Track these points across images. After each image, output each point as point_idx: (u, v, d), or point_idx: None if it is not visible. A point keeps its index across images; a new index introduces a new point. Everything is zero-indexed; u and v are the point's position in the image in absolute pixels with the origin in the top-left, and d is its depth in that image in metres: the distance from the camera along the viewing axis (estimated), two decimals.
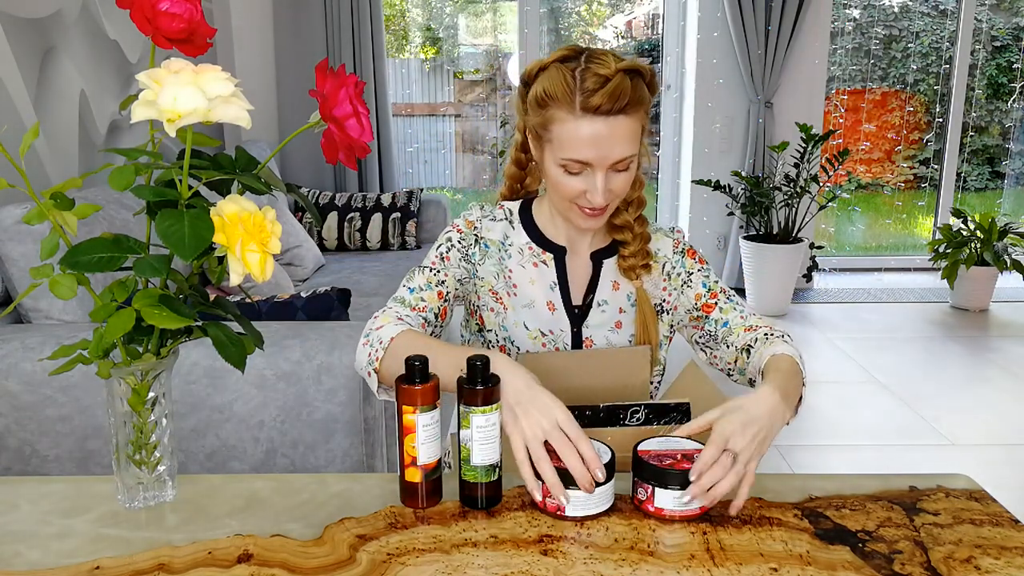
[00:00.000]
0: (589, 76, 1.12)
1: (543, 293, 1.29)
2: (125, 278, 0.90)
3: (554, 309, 1.28)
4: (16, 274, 1.90)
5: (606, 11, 5.61)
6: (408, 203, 3.91)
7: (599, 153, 1.13)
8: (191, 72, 0.83)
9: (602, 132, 1.12)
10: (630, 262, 1.28)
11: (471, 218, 1.31)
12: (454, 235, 1.30)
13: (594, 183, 1.15)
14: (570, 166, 1.16)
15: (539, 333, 1.28)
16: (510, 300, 1.29)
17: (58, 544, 0.92)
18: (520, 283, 1.29)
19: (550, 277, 1.29)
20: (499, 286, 1.29)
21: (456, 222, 1.32)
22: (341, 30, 4.21)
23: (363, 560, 0.88)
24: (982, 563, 0.87)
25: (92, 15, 2.59)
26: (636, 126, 1.15)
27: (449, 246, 1.30)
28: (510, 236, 1.31)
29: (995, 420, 3.04)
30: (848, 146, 4.98)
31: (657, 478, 0.95)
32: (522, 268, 1.29)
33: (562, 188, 1.18)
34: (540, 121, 1.18)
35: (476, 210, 1.33)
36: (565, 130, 1.14)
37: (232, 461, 1.77)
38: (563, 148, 1.15)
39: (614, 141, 1.13)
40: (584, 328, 1.29)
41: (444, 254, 1.29)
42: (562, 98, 1.13)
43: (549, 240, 1.30)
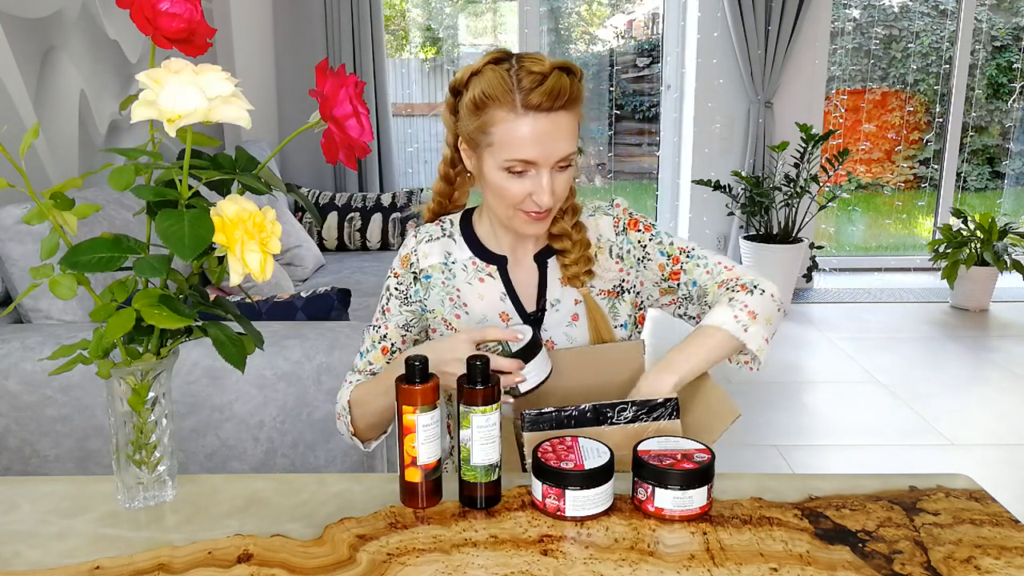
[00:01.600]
0: (524, 75, 1.11)
1: (494, 306, 1.27)
2: (125, 278, 0.90)
3: (508, 319, 1.27)
4: (16, 274, 1.90)
5: (606, 11, 5.61)
6: (408, 203, 3.91)
7: (543, 151, 1.12)
8: (191, 72, 0.83)
9: (545, 129, 1.11)
10: (572, 270, 1.26)
11: (405, 252, 1.30)
12: (391, 281, 1.30)
13: (540, 183, 1.14)
14: (514, 167, 1.14)
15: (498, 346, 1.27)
16: (461, 322, 1.27)
17: (58, 544, 0.92)
18: (470, 301, 1.28)
19: (498, 289, 1.28)
20: (448, 312, 1.28)
21: (393, 263, 1.31)
22: (341, 30, 4.21)
23: (363, 560, 0.88)
24: (982, 563, 0.87)
25: (92, 15, 2.59)
26: (575, 122, 1.15)
27: (388, 296, 1.30)
28: (452, 252, 1.29)
29: (995, 420, 3.04)
30: (848, 146, 4.98)
31: (657, 478, 0.95)
32: (469, 285, 1.28)
33: (506, 193, 1.16)
34: (477, 125, 1.15)
35: (411, 239, 1.31)
36: (507, 130, 1.12)
37: (232, 461, 1.77)
38: (505, 149, 1.13)
39: (557, 137, 1.12)
40: (543, 331, 1.27)
41: (384, 306, 1.30)
42: (501, 97, 1.12)
43: (490, 252, 1.29)
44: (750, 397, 3.21)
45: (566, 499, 0.94)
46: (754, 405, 3.13)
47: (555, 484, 0.95)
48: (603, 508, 0.96)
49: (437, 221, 1.32)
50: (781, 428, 2.97)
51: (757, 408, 3.11)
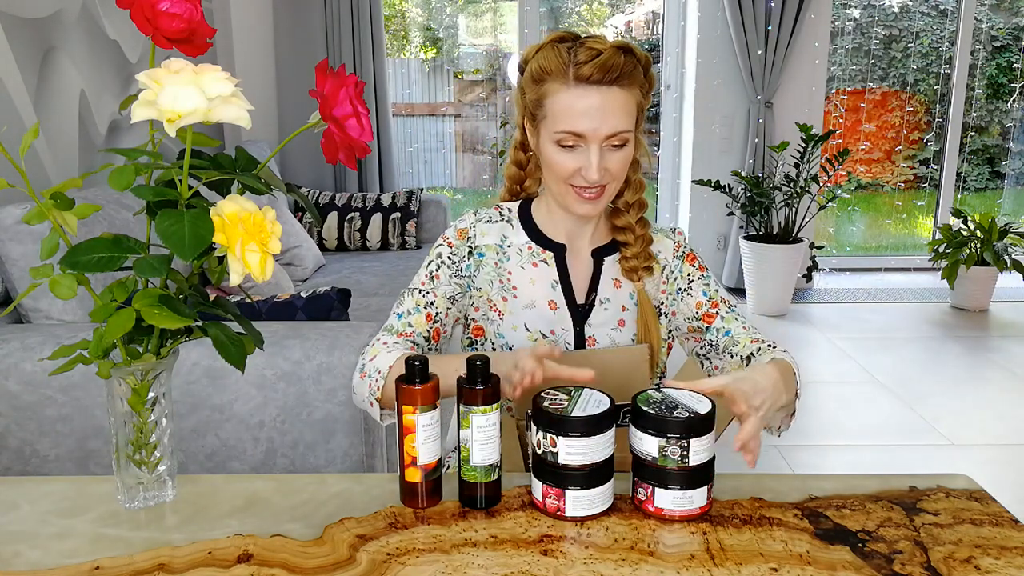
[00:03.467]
0: (582, 51, 1.14)
1: (544, 293, 1.27)
2: (125, 278, 0.90)
3: (556, 308, 1.27)
4: (16, 274, 1.90)
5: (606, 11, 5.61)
6: (408, 203, 3.91)
7: (592, 124, 1.14)
8: (191, 72, 0.83)
9: (595, 102, 1.13)
10: (632, 263, 1.28)
11: (463, 226, 1.29)
12: (444, 250, 1.28)
13: (588, 158, 1.15)
14: (564, 139, 1.16)
15: (540, 335, 1.26)
16: (508, 305, 1.26)
17: (58, 544, 0.92)
18: (520, 284, 1.27)
19: (551, 276, 1.28)
20: (495, 293, 1.27)
21: (447, 234, 1.29)
22: (341, 30, 4.21)
23: (363, 560, 0.88)
24: (982, 563, 0.87)
25: (92, 15, 2.59)
26: (630, 101, 1.16)
27: (439, 263, 1.27)
28: (508, 236, 1.29)
29: (995, 420, 3.04)
30: (848, 146, 4.98)
31: (657, 478, 0.95)
32: (521, 269, 1.27)
33: (557, 167, 1.18)
34: (535, 98, 1.18)
35: (470, 216, 1.30)
36: (559, 101, 1.15)
37: (232, 461, 1.77)
38: (557, 121, 1.16)
39: (607, 112, 1.14)
40: (587, 327, 1.28)
41: (434, 272, 1.27)
42: (556, 70, 1.15)
43: (548, 238, 1.29)
44: None
45: (566, 499, 0.94)
46: None
47: (555, 484, 0.95)
48: (603, 508, 0.96)
49: (497, 207, 1.31)
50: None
51: None
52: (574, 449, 0.93)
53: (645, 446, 0.95)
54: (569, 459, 0.93)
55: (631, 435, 0.98)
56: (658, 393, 1.00)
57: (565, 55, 1.15)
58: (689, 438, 0.93)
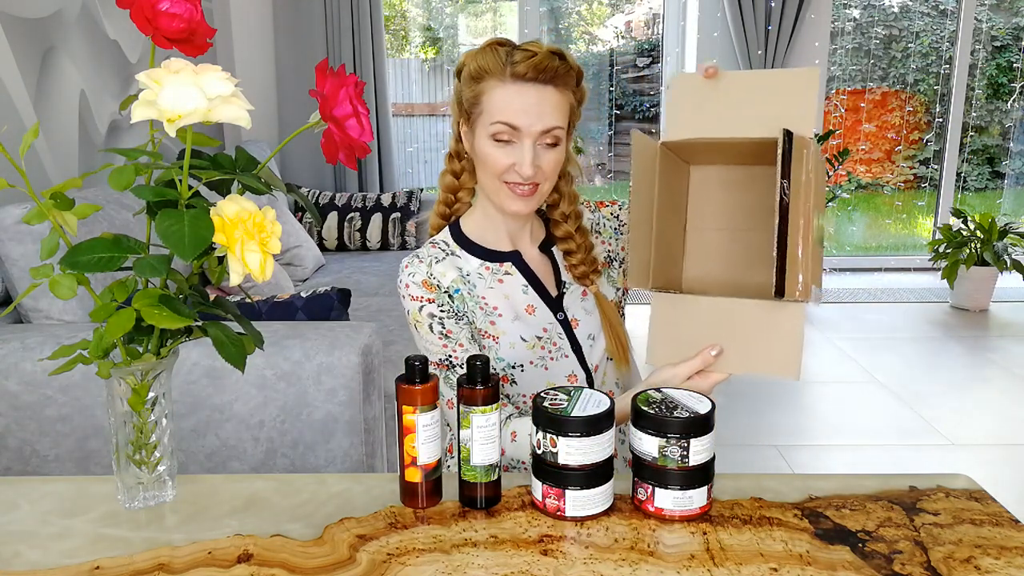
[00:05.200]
0: (519, 52, 1.19)
1: (520, 300, 1.28)
2: (125, 278, 0.90)
3: (534, 309, 1.29)
4: (16, 274, 1.90)
5: (606, 11, 5.61)
6: (408, 203, 3.91)
7: (527, 120, 1.17)
8: (191, 72, 0.83)
9: (531, 99, 1.17)
10: (580, 270, 1.31)
11: (420, 279, 1.24)
12: (430, 308, 1.24)
13: (522, 153, 1.18)
14: (500, 132, 1.18)
15: (535, 339, 1.27)
16: (497, 327, 1.26)
17: (58, 544, 0.92)
18: (498, 304, 1.27)
19: (519, 282, 1.29)
20: (481, 321, 1.27)
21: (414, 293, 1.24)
22: (341, 30, 4.21)
23: (363, 560, 0.88)
24: (982, 563, 0.87)
25: (92, 15, 2.59)
26: (563, 102, 1.20)
27: (439, 321, 1.24)
28: (462, 266, 1.28)
29: (995, 420, 3.04)
30: (848, 146, 4.98)
31: (657, 478, 0.95)
32: (491, 290, 1.28)
33: (492, 162, 1.20)
34: (472, 95, 1.21)
35: (417, 265, 1.25)
36: (495, 96, 1.19)
37: (232, 461, 1.77)
38: (493, 114, 1.19)
39: (542, 109, 1.18)
40: (566, 311, 1.31)
41: (443, 332, 1.24)
42: (494, 68, 1.19)
43: (497, 252, 1.30)
44: (750, 397, 3.21)
45: (566, 499, 0.94)
46: (754, 405, 3.13)
47: (555, 484, 0.95)
48: (603, 508, 0.96)
49: (431, 244, 1.30)
50: (781, 428, 2.97)
51: (757, 408, 3.11)
52: (574, 449, 0.93)
53: (645, 446, 0.95)
54: (569, 459, 0.93)
55: (631, 435, 0.98)
56: (658, 393, 1.00)
57: (503, 56, 1.19)
58: (689, 438, 0.93)
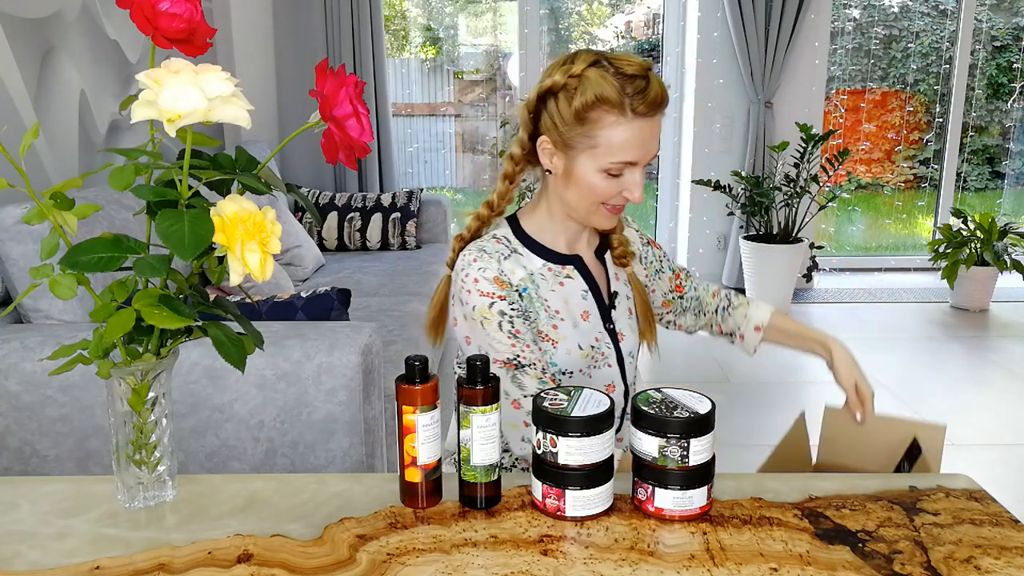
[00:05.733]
0: (627, 81, 1.15)
1: (577, 306, 1.27)
2: (125, 278, 0.90)
3: (588, 316, 1.28)
4: (16, 274, 1.90)
5: (606, 11, 5.61)
6: (408, 203, 3.91)
7: (644, 152, 1.18)
8: (191, 72, 0.83)
9: (647, 132, 1.18)
10: (619, 251, 1.35)
11: (491, 275, 1.20)
12: (501, 305, 1.20)
13: (635, 180, 1.19)
14: (614, 169, 1.18)
15: (590, 348, 1.26)
16: (559, 331, 1.25)
17: (58, 544, 0.92)
18: (560, 308, 1.26)
19: (580, 287, 1.28)
20: (543, 323, 1.24)
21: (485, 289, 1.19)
22: (341, 30, 4.21)
23: (363, 560, 0.88)
24: (982, 563, 0.87)
25: (92, 15, 2.59)
26: None
27: (509, 319, 1.21)
28: (526, 265, 1.25)
29: (995, 420, 3.04)
30: (848, 146, 4.98)
31: (657, 478, 0.95)
32: (553, 292, 1.26)
33: (599, 191, 1.19)
34: (582, 130, 1.16)
35: (487, 261, 1.21)
36: (616, 134, 1.15)
37: (232, 461, 1.77)
38: (612, 152, 1.16)
39: (654, 139, 1.20)
40: (615, 323, 1.32)
41: (512, 329, 1.20)
42: (615, 103, 1.14)
43: (560, 254, 1.28)
44: (750, 397, 3.21)
45: (566, 499, 0.94)
46: (754, 405, 3.13)
47: (555, 484, 0.95)
48: (603, 508, 0.96)
49: (495, 239, 1.25)
50: (781, 428, 2.96)
51: (757, 408, 3.11)
52: (574, 449, 0.93)
53: (645, 446, 0.95)
54: (569, 459, 0.93)
55: (631, 435, 0.98)
56: (658, 393, 1.00)
57: (619, 86, 1.14)
58: (689, 438, 0.93)
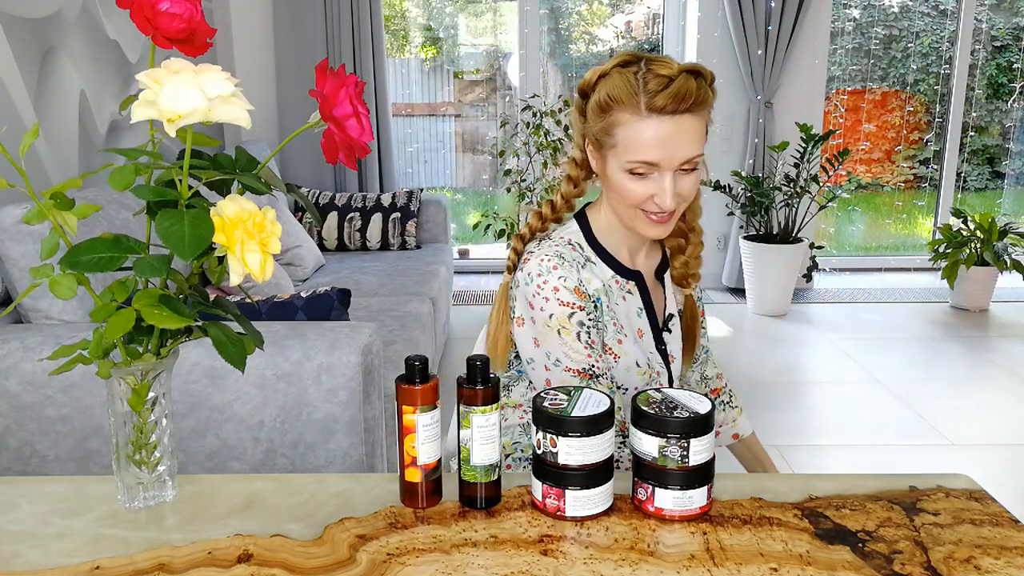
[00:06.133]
0: (652, 77, 1.11)
1: (634, 323, 1.25)
2: (125, 278, 0.90)
3: (643, 335, 1.25)
4: (16, 274, 1.90)
5: (606, 11, 5.61)
6: (408, 203, 3.91)
7: (666, 153, 1.12)
8: (191, 72, 0.83)
9: (668, 132, 1.11)
10: (681, 271, 1.28)
11: (572, 285, 1.18)
12: (580, 316, 1.18)
13: (662, 185, 1.13)
14: (636, 168, 1.13)
15: (647, 367, 1.24)
16: (623, 346, 1.23)
17: (58, 544, 0.92)
18: (624, 322, 1.23)
19: (637, 304, 1.25)
20: (610, 337, 1.22)
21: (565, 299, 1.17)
22: (341, 30, 4.21)
23: (363, 560, 0.88)
24: (982, 563, 0.87)
25: (92, 15, 2.59)
26: (701, 126, 1.15)
27: (588, 328, 1.19)
28: (599, 275, 1.23)
29: (995, 420, 3.04)
30: (848, 146, 4.98)
31: (657, 478, 0.95)
32: (618, 305, 1.23)
33: (628, 195, 1.15)
34: (602, 127, 1.15)
35: (568, 270, 1.18)
36: (630, 131, 1.12)
37: (232, 461, 1.77)
38: (629, 151, 1.13)
39: (680, 141, 1.12)
40: (667, 344, 1.29)
41: (589, 340, 1.18)
42: (626, 100, 1.12)
43: (625, 268, 1.26)
44: (750, 397, 3.21)
45: (566, 499, 0.94)
46: (754, 405, 3.14)
47: (555, 484, 0.95)
48: (603, 508, 0.96)
49: (571, 246, 1.22)
50: (781, 428, 2.97)
51: (757, 408, 3.11)
52: (574, 449, 0.93)
53: (645, 446, 0.95)
54: (569, 459, 0.93)
55: (631, 435, 0.98)
56: (658, 393, 1.00)
57: (634, 82, 1.11)
58: (689, 438, 0.93)
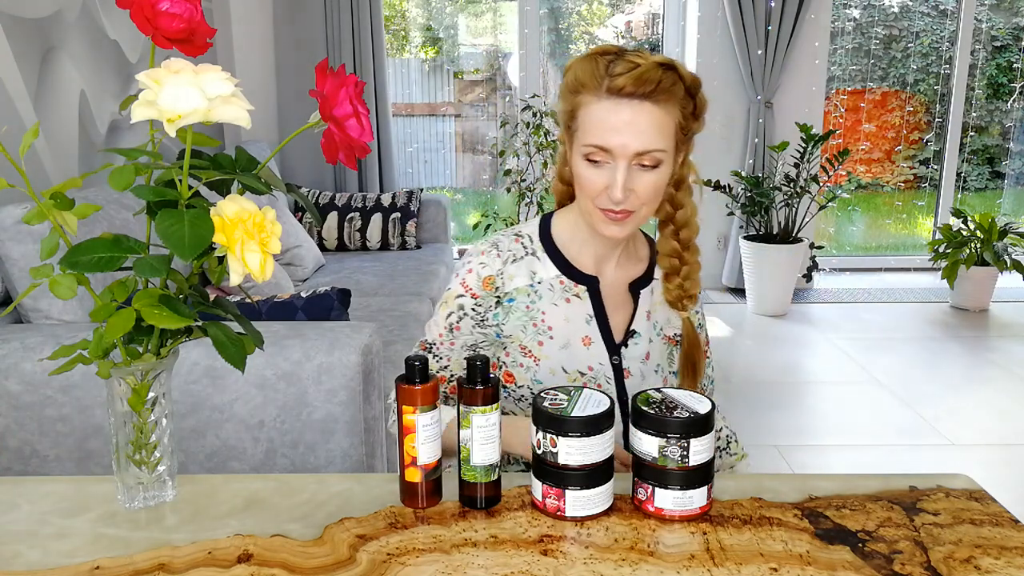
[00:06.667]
0: (620, 63, 1.09)
1: (579, 329, 1.21)
2: (125, 278, 0.90)
3: (590, 343, 1.21)
4: (16, 274, 1.90)
5: (606, 11, 5.61)
6: (408, 203, 3.91)
7: (620, 140, 1.08)
8: (191, 72, 0.83)
9: (625, 117, 1.07)
10: (675, 293, 1.22)
11: (489, 273, 1.19)
12: (467, 302, 1.19)
13: (615, 175, 1.09)
14: (592, 153, 1.10)
15: (578, 374, 1.21)
16: (544, 349, 1.20)
17: (58, 544, 0.92)
18: (555, 324, 1.20)
19: (586, 310, 1.21)
20: (528, 339, 1.20)
21: (468, 283, 1.19)
22: (341, 30, 4.21)
23: (363, 560, 0.88)
24: (982, 563, 0.87)
25: (92, 15, 2.58)
26: (666, 119, 1.10)
27: (461, 315, 1.20)
28: (537, 272, 1.21)
29: (995, 420, 3.04)
30: (848, 146, 4.98)
31: (657, 478, 0.95)
32: (555, 307, 1.20)
33: (585, 183, 1.12)
34: (569, 109, 1.13)
35: (493, 259, 1.20)
36: (590, 113, 1.10)
37: (232, 461, 1.77)
38: (586, 134, 1.10)
39: (637, 129, 1.08)
40: (623, 359, 1.23)
41: (454, 324, 1.20)
42: (590, 82, 1.09)
43: (578, 271, 1.22)
44: (750, 397, 3.21)
45: (566, 499, 0.94)
46: (754, 405, 3.13)
47: (555, 484, 0.95)
48: (603, 508, 0.96)
49: (516, 238, 1.22)
50: (781, 428, 2.97)
51: (757, 408, 3.11)
52: (574, 449, 0.93)
53: (645, 446, 0.95)
54: (569, 459, 0.93)
55: (631, 435, 0.98)
56: (658, 393, 1.00)
57: (603, 67, 1.09)
58: (689, 438, 0.93)
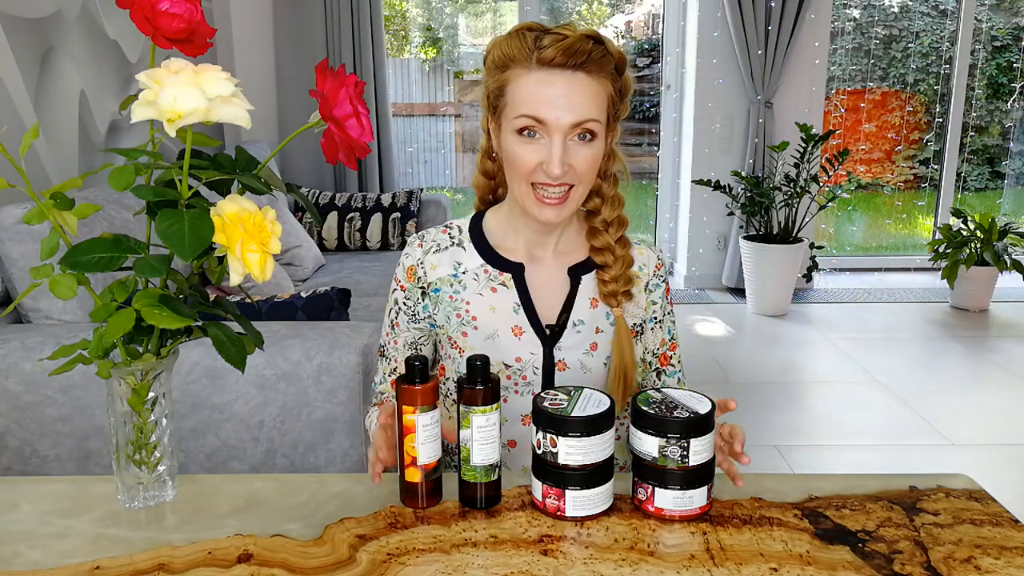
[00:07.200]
0: (547, 36, 1.08)
1: (507, 318, 1.17)
2: (125, 278, 0.90)
3: (521, 333, 1.17)
4: (16, 274, 1.90)
5: (606, 11, 5.61)
6: (408, 203, 3.91)
7: (554, 112, 1.05)
8: (191, 72, 0.83)
9: (558, 88, 1.06)
10: (611, 287, 1.18)
11: (410, 263, 1.20)
12: (399, 295, 1.21)
13: (550, 149, 1.06)
14: (525, 128, 1.07)
15: (503, 366, 1.18)
16: (469, 340, 1.18)
17: (58, 544, 0.92)
18: (480, 314, 1.17)
19: (512, 299, 1.18)
20: (454, 329, 1.18)
21: (397, 274, 1.22)
22: (341, 30, 4.21)
23: (363, 560, 0.88)
24: (982, 563, 0.87)
25: (92, 15, 2.58)
26: (599, 90, 1.08)
27: (397, 310, 1.21)
28: (462, 262, 1.19)
29: (995, 420, 3.04)
30: (848, 146, 4.98)
31: (657, 478, 0.95)
32: (480, 296, 1.18)
33: (518, 161, 1.08)
34: (497, 86, 1.11)
35: (415, 249, 1.21)
36: (520, 86, 1.07)
37: (232, 461, 1.77)
38: (517, 106, 1.07)
39: (571, 99, 1.06)
40: (557, 350, 1.18)
41: (394, 321, 1.23)
42: (519, 56, 1.07)
43: (504, 258, 1.19)
44: (750, 397, 3.21)
45: (566, 499, 0.94)
46: (754, 405, 3.13)
47: (555, 484, 0.95)
48: (603, 508, 0.96)
49: (444, 229, 1.22)
50: (781, 428, 2.97)
51: (757, 408, 3.11)
52: (574, 449, 0.93)
53: (645, 446, 0.95)
54: (569, 459, 0.93)
55: (631, 435, 0.98)
56: (658, 393, 1.00)
57: (531, 40, 1.07)
58: (689, 438, 0.93)
